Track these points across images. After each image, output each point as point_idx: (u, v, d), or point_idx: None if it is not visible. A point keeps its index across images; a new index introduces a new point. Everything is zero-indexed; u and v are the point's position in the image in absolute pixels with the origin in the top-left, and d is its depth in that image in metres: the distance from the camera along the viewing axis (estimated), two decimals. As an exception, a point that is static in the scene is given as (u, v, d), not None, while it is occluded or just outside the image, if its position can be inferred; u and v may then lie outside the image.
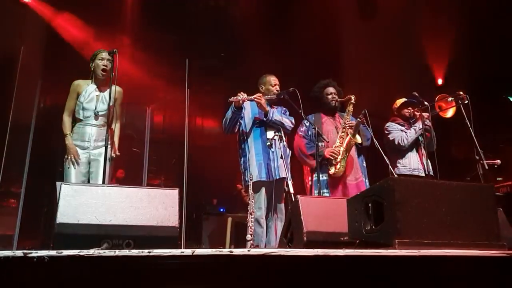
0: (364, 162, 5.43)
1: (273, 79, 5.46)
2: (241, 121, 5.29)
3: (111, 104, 4.66)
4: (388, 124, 5.95)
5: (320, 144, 5.04)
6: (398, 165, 5.73)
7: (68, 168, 4.64)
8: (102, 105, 4.80)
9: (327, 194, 5.07)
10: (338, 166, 5.12)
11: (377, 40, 8.10)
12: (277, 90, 5.37)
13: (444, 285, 2.29)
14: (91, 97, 4.82)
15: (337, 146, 5.18)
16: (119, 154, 4.97)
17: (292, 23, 8.14)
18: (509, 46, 7.74)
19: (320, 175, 5.03)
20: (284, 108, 5.51)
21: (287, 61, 8.01)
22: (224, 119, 5.29)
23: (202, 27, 8.22)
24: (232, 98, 5.09)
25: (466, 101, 5.34)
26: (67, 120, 4.81)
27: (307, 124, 5.26)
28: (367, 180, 5.31)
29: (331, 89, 5.53)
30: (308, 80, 6.06)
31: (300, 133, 5.40)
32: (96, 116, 4.77)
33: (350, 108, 5.34)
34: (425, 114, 5.67)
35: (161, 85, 8.92)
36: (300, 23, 8.02)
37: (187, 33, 8.12)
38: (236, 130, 5.30)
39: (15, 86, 6.05)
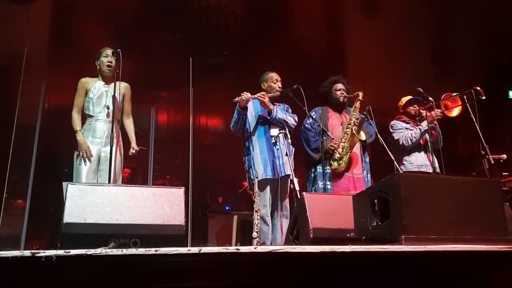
0: (368, 158, 5.44)
1: (275, 76, 5.45)
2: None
3: (117, 102, 4.69)
4: (393, 122, 5.95)
5: (324, 138, 5.06)
6: (404, 162, 5.74)
7: (79, 165, 4.64)
8: (112, 100, 4.82)
9: (329, 187, 5.09)
10: (340, 162, 5.14)
11: (381, 36, 8.07)
12: (279, 87, 5.36)
13: (451, 280, 2.28)
14: (101, 92, 4.85)
15: (341, 142, 5.19)
16: (138, 149, 5.00)
17: (296, 20, 8.12)
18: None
19: (322, 168, 5.07)
20: (286, 105, 5.50)
21: (290, 58, 8.00)
22: (232, 123, 5.28)
23: (205, 26, 8.21)
24: (237, 98, 5.09)
25: (484, 97, 5.29)
26: (76, 117, 4.80)
27: (314, 116, 5.27)
28: (369, 175, 5.32)
29: (340, 85, 5.54)
30: (312, 77, 6.04)
31: (306, 125, 5.42)
32: (108, 112, 4.79)
33: (357, 104, 5.34)
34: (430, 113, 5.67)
35: (165, 84, 8.93)
36: (303, 20, 8.00)
37: (190, 31, 8.11)
38: (245, 129, 5.29)
39: (20, 86, 6.06)
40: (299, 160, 5.43)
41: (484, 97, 5.30)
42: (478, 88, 5.39)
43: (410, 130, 5.77)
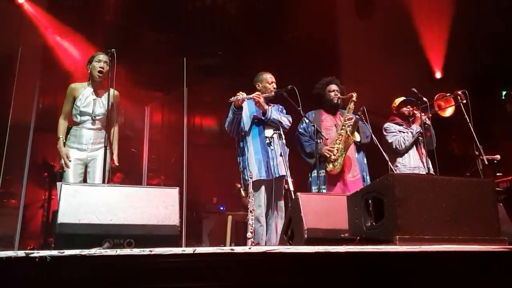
0: (365, 159, 5.44)
1: (269, 77, 5.44)
2: (239, 119, 5.28)
3: (109, 105, 4.65)
4: (386, 125, 5.95)
5: (319, 141, 5.05)
6: (398, 164, 5.73)
7: (65, 171, 4.63)
8: (99, 109, 4.76)
9: (325, 191, 5.09)
10: (335, 164, 5.13)
11: (375, 37, 8.10)
12: (274, 88, 5.35)
13: (445, 281, 2.29)
14: (88, 101, 4.77)
15: (335, 144, 5.19)
16: (117, 164, 4.95)
17: (290, 21, 8.14)
18: (508, 40, 7.75)
19: (319, 172, 5.06)
20: (281, 106, 5.50)
21: (284, 59, 8.01)
22: (227, 123, 5.25)
23: (200, 26, 8.22)
24: (232, 98, 5.07)
25: (465, 101, 5.35)
26: (62, 123, 4.78)
27: (307, 121, 5.27)
28: (368, 177, 5.32)
29: (333, 87, 5.53)
30: (306, 77, 6.06)
31: (300, 129, 5.41)
32: (94, 121, 4.74)
33: (351, 105, 5.33)
34: (424, 115, 5.68)
35: (159, 84, 8.93)
36: (297, 20, 8.02)
37: (185, 32, 8.12)
38: (240, 130, 5.27)
39: (14, 87, 6.05)
40: (294, 161, 5.43)
41: (465, 101, 5.34)
42: (460, 92, 5.43)
43: (403, 133, 5.77)
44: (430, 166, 5.63)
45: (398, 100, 6.02)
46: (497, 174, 7.10)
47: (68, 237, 2.83)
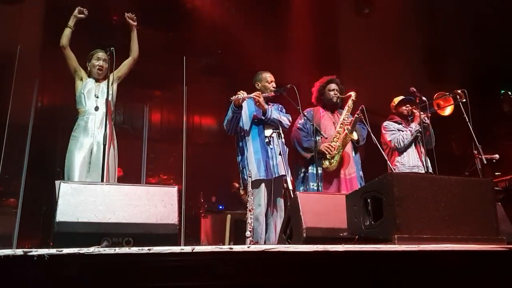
0: (359, 159, 5.43)
1: (269, 76, 5.43)
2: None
3: (109, 100, 4.75)
4: (385, 123, 5.95)
5: (318, 139, 5.05)
6: (397, 163, 5.73)
7: (72, 156, 4.68)
8: (102, 94, 4.90)
9: (321, 188, 5.08)
10: (332, 161, 5.13)
11: (375, 36, 8.09)
12: (273, 87, 5.35)
13: (444, 280, 2.29)
14: (90, 86, 4.94)
15: (333, 141, 5.18)
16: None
17: (289, 20, 8.13)
18: (508, 40, 7.74)
19: (314, 169, 5.07)
20: (280, 106, 5.49)
21: (284, 57, 8.00)
22: (226, 121, 5.24)
23: (199, 25, 8.20)
24: (233, 97, 5.07)
25: (464, 100, 5.35)
26: None
27: (305, 117, 5.26)
28: (361, 173, 5.32)
29: (333, 86, 5.52)
30: (306, 77, 6.04)
31: (298, 125, 5.39)
32: (97, 107, 4.85)
33: (350, 104, 5.34)
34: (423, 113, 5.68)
35: (159, 83, 8.91)
36: (297, 19, 8.01)
37: (184, 30, 8.10)
38: (239, 129, 5.27)
39: (13, 85, 6.04)
40: (293, 160, 5.42)
41: (464, 100, 5.33)
42: (459, 91, 5.43)
43: (402, 131, 5.77)
44: (429, 165, 5.63)
45: (397, 99, 6.03)
46: (496, 173, 7.11)
47: (67, 236, 2.82)
